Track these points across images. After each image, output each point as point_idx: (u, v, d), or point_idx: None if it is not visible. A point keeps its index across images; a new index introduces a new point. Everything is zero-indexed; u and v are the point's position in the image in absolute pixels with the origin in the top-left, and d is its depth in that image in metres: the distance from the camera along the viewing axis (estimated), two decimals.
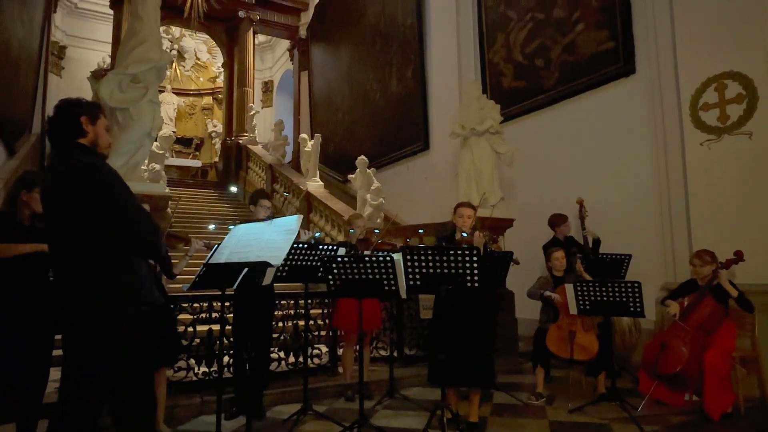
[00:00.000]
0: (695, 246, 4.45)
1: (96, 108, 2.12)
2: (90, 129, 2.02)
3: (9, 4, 5.77)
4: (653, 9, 5.23)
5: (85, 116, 2.02)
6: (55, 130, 2.03)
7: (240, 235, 2.83)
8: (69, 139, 1.99)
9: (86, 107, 2.07)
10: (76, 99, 2.10)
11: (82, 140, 2.00)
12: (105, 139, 2.09)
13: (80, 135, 2.00)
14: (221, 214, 10.16)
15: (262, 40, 16.17)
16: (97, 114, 2.07)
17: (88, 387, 1.88)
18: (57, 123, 2.02)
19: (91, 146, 2.02)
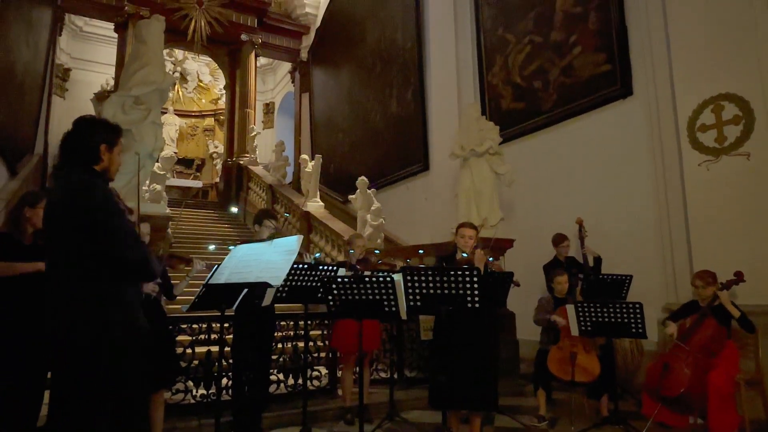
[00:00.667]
0: (696, 266, 4.44)
1: (116, 134, 2.10)
2: (106, 157, 2.02)
3: (16, 28, 5.87)
4: (649, 32, 5.31)
5: (105, 144, 2.02)
6: (70, 151, 2.00)
7: (240, 256, 2.83)
8: (83, 163, 1.99)
9: (107, 134, 2.05)
10: (99, 122, 2.09)
11: (96, 167, 2.00)
12: (117, 164, 2.09)
13: (95, 162, 2.00)
14: (221, 235, 10.16)
15: (264, 63, 16.39)
16: (115, 141, 2.07)
17: (75, 411, 1.84)
18: (74, 145, 2.00)
19: (101, 171, 2.02)
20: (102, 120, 2.12)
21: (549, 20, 6.56)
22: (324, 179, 10.41)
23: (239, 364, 3.68)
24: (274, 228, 3.93)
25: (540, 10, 6.72)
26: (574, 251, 5.33)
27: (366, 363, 4.17)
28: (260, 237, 3.83)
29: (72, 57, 14.54)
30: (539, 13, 6.73)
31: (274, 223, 3.95)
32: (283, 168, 11.42)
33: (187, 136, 16.83)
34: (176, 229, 8.88)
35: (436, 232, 6.85)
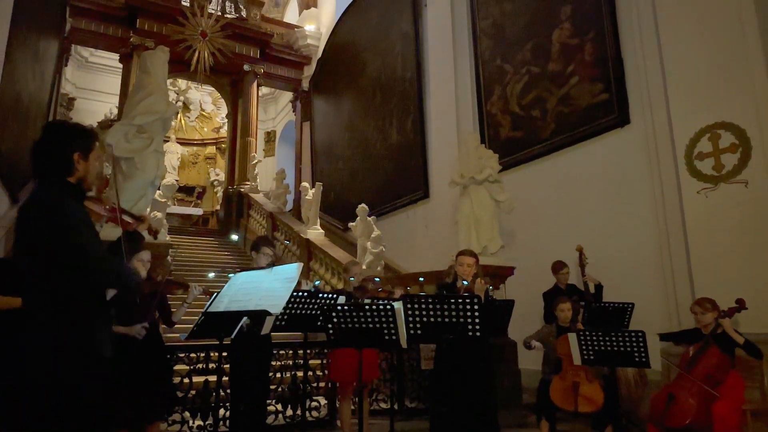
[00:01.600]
0: (697, 294, 4.41)
1: (90, 139, 1.91)
2: (81, 166, 1.85)
3: (23, 58, 5.97)
4: (644, 62, 5.41)
5: (79, 152, 1.84)
6: (41, 162, 1.84)
7: (240, 283, 2.83)
8: (55, 176, 1.82)
9: (81, 140, 1.87)
10: (71, 127, 1.92)
11: (70, 178, 1.84)
12: (94, 173, 1.93)
13: (69, 173, 1.83)
14: (221, 262, 10.13)
15: (266, 92, 16.63)
16: (90, 147, 1.89)
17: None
18: (45, 156, 1.84)
19: (77, 183, 1.86)
20: (74, 125, 1.95)
21: (546, 51, 6.69)
22: (324, 207, 10.45)
23: (236, 393, 3.63)
24: (272, 255, 3.91)
25: (537, 41, 6.86)
26: (574, 278, 5.31)
27: (365, 393, 4.11)
28: (258, 264, 3.80)
29: (77, 87, 14.78)
30: (536, 45, 6.86)
31: (272, 251, 3.91)
32: (283, 196, 11.47)
33: (189, 164, 16.96)
34: (176, 257, 8.86)
35: (436, 259, 6.83)
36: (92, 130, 1.98)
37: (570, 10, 6.39)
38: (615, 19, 5.83)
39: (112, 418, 2.84)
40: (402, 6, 9.64)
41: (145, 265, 3.30)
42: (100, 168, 2.01)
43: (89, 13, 11.58)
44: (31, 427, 1.70)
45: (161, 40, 11.19)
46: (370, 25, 10.89)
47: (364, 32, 11.14)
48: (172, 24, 11.78)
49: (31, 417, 1.69)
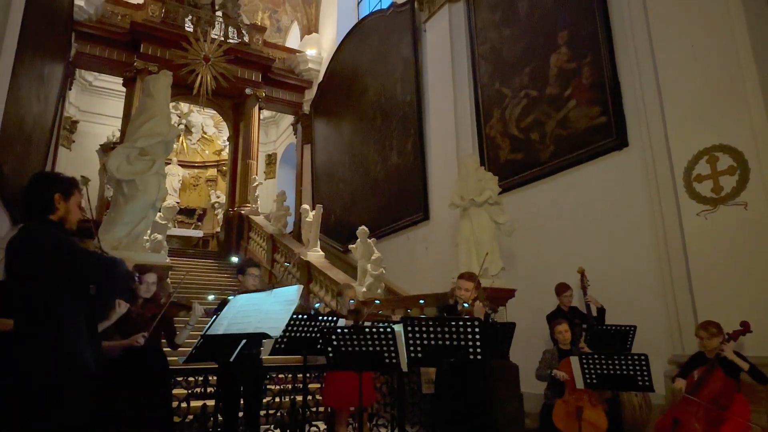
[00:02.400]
0: (700, 317, 4.38)
1: (71, 184, 2.12)
2: (61, 206, 2.04)
3: (28, 82, 6.05)
4: (641, 86, 5.47)
5: (59, 193, 2.04)
6: (26, 204, 2.05)
7: (239, 306, 2.81)
8: (38, 214, 2.01)
9: (60, 183, 2.08)
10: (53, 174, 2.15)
11: (52, 216, 2.02)
12: (75, 215, 2.10)
13: (50, 211, 2.02)
14: (221, 285, 10.09)
15: (267, 115, 16.79)
16: (71, 190, 2.09)
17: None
18: (29, 197, 2.05)
19: (58, 221, 2.03)
20: (56, 174, 2.17)
21: (544, 75, 6.78)
22: (324, 229, 10.45)
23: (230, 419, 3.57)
24: (258, 276, 3.92)
25: (535, 65, 6.95)
26: (577, 301, 5.28)
27: (365, 418, 4.05)
28: (245, 286, 3.82)
29: (80, 110, 14.93)
30: (534, 69, 6.96)
31: (257, 271, 3.93)
32: (284, 218, 11.48)
33: (190, 186, 17.02)
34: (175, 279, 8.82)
35: (436, 281, 6.80)
36: (73, 178, 2.18)
37: (567, 35, 6.50)
38: (611, 43, 5.92)
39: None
40: (402, 31, 9.80)
41: (149, 287, 3.31)
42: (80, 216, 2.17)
43: (94, 39, 11.78)
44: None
45: (164, 64, 11.36)
46: (370, 50, 11.06)
47: (365, 57, 11.31)
48: (175, 49, 11.96)
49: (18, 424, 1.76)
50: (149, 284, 3.32)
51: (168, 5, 12.49)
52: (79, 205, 2.13)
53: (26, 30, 4.99)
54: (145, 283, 3.31)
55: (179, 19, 12.56)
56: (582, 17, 6.29)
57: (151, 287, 3.34)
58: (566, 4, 6.55)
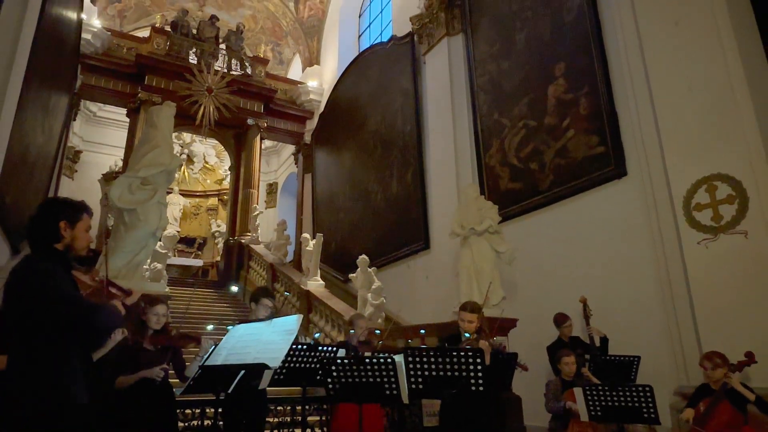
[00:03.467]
0: (704, 347, 4.33)
1: (78, 210, 2.08)
2: (67, 234, 2.00)
3: (33, 113, 6.14)
4: (638, 116, 5.54)
5: (65, 221, 2.00)
6: (31, 233, 2.02)
7: (239, 336, 2.78)
8: (43, 243, 1.99)
9: (67, 210, 2.04)
10: (60, 201, 2.10)
11: (57, 245, 1.99)
12: (83, 242, 2.06)
13: (55, 240, 1.98)
14: (220, 314, 10.00)
15: (269, 145, 16.96)
16: (77, 217, 2.05)
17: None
18: (35, 226, 2.01)
19: (64, 250, 2.00)
20: (63, 199, 2.12)
21: (542, 106, 6.88)
22: (325, 258, 10.43)
23: None
24: (272, 307, 3.86)
25: (533, 96, 7.06)
26: (579, 331, 5.22)
27: None
28: (257, 316, 3.76)
29: (84, 140, 15.09)
30: (532, 99, 7.06)
31: (271, 302, 3.87)
32: (284, 247, 11.47)
33: (191, 215, 17.06)
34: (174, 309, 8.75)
35: (437, 311, 6.75)
36: (81, 203, 2.14)
37: (564, 66, 6.62)
38: (607, 75, 6.02)
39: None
40: (402, 63, 9.99)
41: (159, 319, 3.28)
42: (89, 240, 2.13)
43: (100, 71, 12.01)
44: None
45: (168, 95, 11.54)
46: (370, 81, 11.25)
47: (365, 88, 11.49)
48: (179, 80, 12.18)
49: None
50: (159, 316, 3.29)
51: (173, 39, 12.78)
52: (87, 230, 2.09)
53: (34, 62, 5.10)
54: (155, 315, 3.28)
55: (183, 51, 12.83)
56: (578, 49, 6.42)
57: (161, 319, 3.31)
58: (562, 36, 6.70)
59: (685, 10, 5.09)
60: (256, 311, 3.80)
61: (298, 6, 14.81)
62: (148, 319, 3.25)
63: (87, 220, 2.09)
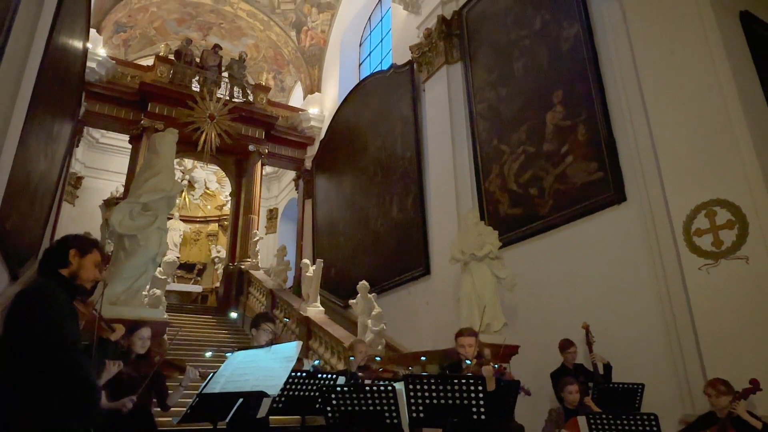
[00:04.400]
0: (709, 374, 4.27)
1: (89, 243, 2.14)
2: (75, 261, 2.05)
3: (36, 140, 6.20)
4: (636, 142, 5.59)
5: (75, 249, 2.06)
6: (43, 257, 2.08)
7: (237, 363, 2.75)
8: (51, 267, 2.03)
9: (79, 240, 2.11)
10: (76, 234, 2.17)
11: (63, 270, 2.03)
12: (89, 273, 2.09)
13: (63, 265, 2.03)
14: (219, 341, 9.90)
15: (269, 171, 17.08)
16: (88, 249, 2.10)
17: None
18: (48, 252, 2.09)
19: (69, 276, 2.03)
20: (84, 234, 2.19)
21: (540, 132, 6.94)
22: (325, 284, 10.37)
23: None
24: (272, 332, 3.83)
25: (531, 123, 7.13)
26: (582, 358, 5.16)
27: None
28: (257, 342, 3.72)
29: (86, 166, 15.19)
30: (531, 126, 7.14)
31: (271, 327, 3.84)
32: (284, 273, 11.43)
33: (191, 240, 17.06)
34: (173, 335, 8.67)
35: (438, 337, 6.69)
36: (95, 240, 2.21)
37: (561, 94, 6.71)
38: (605, 101, 6.09)
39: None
40: (401, 91, 10.13)
41: (144, 343, 3.25)
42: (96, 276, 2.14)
43: (104, 98, 12.18)
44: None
45: (170, 122, 11.68)
46: (371, 108, 11.39)
47: (365, 114, 11.63)
48: (181, 107, 12.33)
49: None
50: (144, 339, 3.26)
51: (176, 67, 12.99)
52: (97, 266, 2.13)
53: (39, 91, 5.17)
54: (140, 339, 3.25)
55: (187, 79, 13.03)
56: (576, 77, 6.52)
57: (146, 342, 3.28)
58: (560, 65, 6.81)
59: (680, 40, 5.19)
60: (257, 337, 3.76)
61: (299, 35, 15.11)
62: (132, 343, 3.22)
63: (97, 255, 2.14)
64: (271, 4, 14.62)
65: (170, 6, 14.45)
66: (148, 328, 3.33)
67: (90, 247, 2.12)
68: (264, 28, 15.19)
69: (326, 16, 14.68)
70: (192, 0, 14.37)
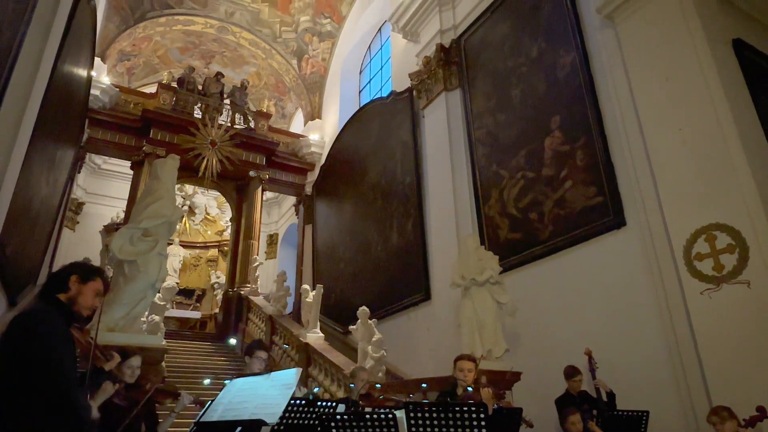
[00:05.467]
0: (714, 400, 4.22)
1: (92, 272, 2.14)
2: (74, 287, 2.05)
3: (39, 166, 6.24)
4: (634, 167, 5.63)
5: (76, 275, 2.07)
6: (45, 283, 2.09)
7: (236, 390, 2.71)
8: (50, 292, 2.03)
9: (81, 268, 2.12)
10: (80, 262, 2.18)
11: (61, 296, 2.02)
12: (88, 300, 2.07)
13: (62, 291, 2.03)
14: (217, 368, 9.78)
15: (270, 196, 17.13)
16: (89, 276, 2.10)
17: None
18: (50, 277, 2.09)
19: (67, 302, 2.02)
20: (83, 262, 2.21)
21: (539, 157, 7.00)
22: (325, 309, 10.29)
23: None
24: (266, 359, 3.80)
25: (530, 148, 7.19)
26: (585, 384, 5.09)
27: None
28: (251, 369, 3.69)
29: (87, 192, 15.26)
30: (530, 151, 7.19)
31: (265, 354, 3.82)
32: (284, 298, 11.36)
33: (191, 266, 17.01)
34: (171, 362, 8.57)
35: (439, 364, 6.60)
36: (99, 268, 2.21)
37: (559, 119, 6.79)
38: (602, 127, 6.16)
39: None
40: (401, 117, 10.25)
41: (133, 372, 3.20)
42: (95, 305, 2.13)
43: (107, 125, 12.31)
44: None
45: (172, 148, 11.77)
46: (370, 134, 11.50)
47: (365, 140, 11.74)
48: (183, 134, 12.45)
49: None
50: (133, 369, 3.21)
51: (179, 94, 13.17)
52: (98, 294, 2.12)
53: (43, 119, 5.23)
54: (129, 368, 3.20)
55: (189, 106, 13.19)
56: (573, 103, 6.60)
57: (135, 372, 3.23)
58: (557, 91, 6.91)
59: (675, 66, 5.28)
60: (251, 365, 3.73)
61: (301, 63, 15.36)
62: (121, 373, 3.16)
63: (99, 284, 2.13)
64: (272, 33, 14.91)
65: (174, 35, 14.73)
66: (138, 356, 3.28)
67: (93, 275, 2.12)
68: (266, 57, 15.46)
69: (327, 45, 14.95)
70: (195, 30, 14.66)
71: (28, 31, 4.13)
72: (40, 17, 4.44)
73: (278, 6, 14.38)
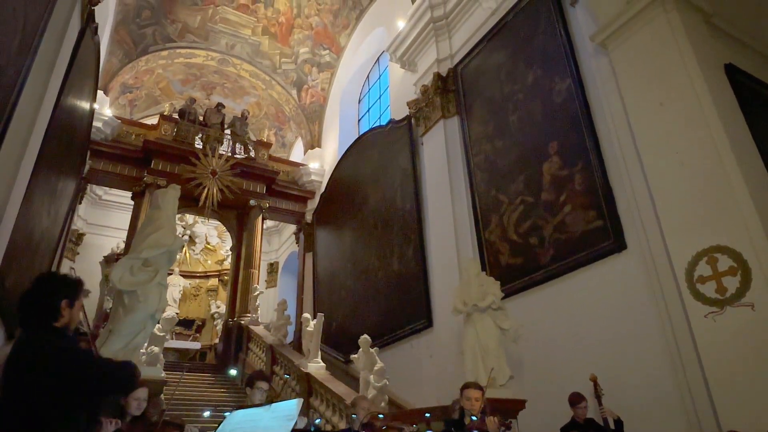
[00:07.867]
0: (724, 427, 4.13)
1: (76, 289, 2.09)
2: (66, 313, 2.00)
3: (40, 198, 6.26)
4: (633, 191, 5.65)
5: (66, 300, 2.01)
6: (30, 309, 2.00)
7: (236, 422, 2.67)
8: (42, 322, 1.96)
9: (68, 290, 2.05)
10: (59, 278, 2.11)
11: (56, 323, 1.97)
12: (76, 319, 2.06)
13: (54, 320, 1.97)
14: (217, 400, 9.62)
15: (270, 225, 17.15)
16: (76, 296, 2.06)
17: None
18: (34, 302, 2.00)
19: (62, 328, 1.99)
20: (62, 276, 2.13)
21: (538, 182, 7.03)
22: (326, 338, 10.19)
23: None
24: (267, 390, 3.76)
25: (528, 173, 7.23)
26: (591, 411, 4.99)
27: None
28: (252, 401, 3.64)
29: (88, 222, 15.29)
30: (528, 176, 7.23)
31: (266, 385, 3.78)
32: (284, 327, 11.25)
33: (191, 296, 16.91)
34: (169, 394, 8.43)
35: (442, 392, 6.50)
36: (79, 280, 2.15)
37: (557, 145, 6.84)
38: (599, 151, 6.20)
39: None
40: (400, 144, 10.35)
41: (140, 404, 3.17)
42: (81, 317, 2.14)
43: (108, 156, 12.42)
44: None
45: (173, 178, 11.85)
46: (370, 162, 11.59)
47: (365, 168, 11.82)
48: (184, 164, 12.55)
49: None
50: (140, 401, 3.17)
51: (180, 125, 13.33)
52: (81, 308, 2.10)
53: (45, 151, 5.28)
54: (135, 400, 3.16)
55: (190, 137, 13.33)
56: (570, 128, 6.67)
57: (142, 404, 3.19)
58: (554, 117, 6.99)
59: (668, 91, 5.35)
60: (252, 396, 3.68)
61: (300, 93, 15.59)
62: (127, 404, 3.12)
63: (81, 299, 2.10)
64: (272, 64, 15.18)
65: (175, 68, 14.99)
66: (145, 388, 3.24)
67: (77, 294, 2.08)
68: (266, 87, 15.70)
69: (326, 75, 15.20)
70: (197, 62, 14.93)
71: (32, 66, 4.20)
72: (44, 53, 4.53)
73: (278, 38, 14.68)
